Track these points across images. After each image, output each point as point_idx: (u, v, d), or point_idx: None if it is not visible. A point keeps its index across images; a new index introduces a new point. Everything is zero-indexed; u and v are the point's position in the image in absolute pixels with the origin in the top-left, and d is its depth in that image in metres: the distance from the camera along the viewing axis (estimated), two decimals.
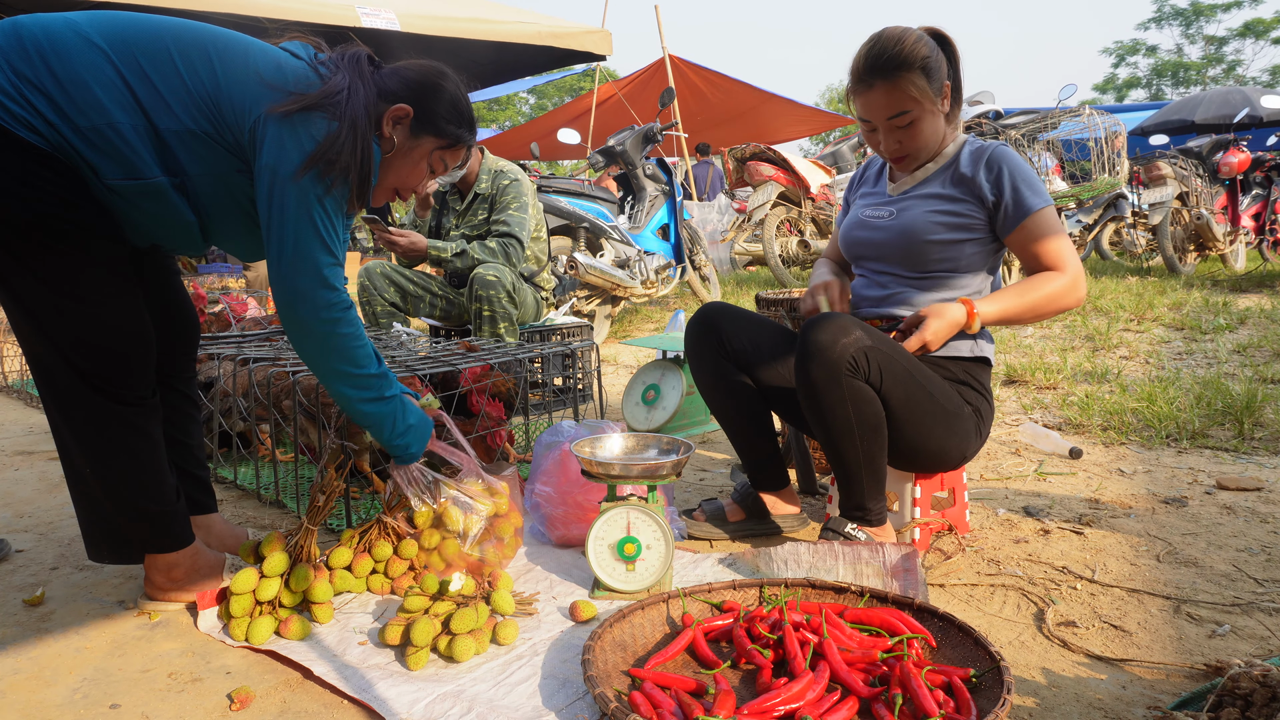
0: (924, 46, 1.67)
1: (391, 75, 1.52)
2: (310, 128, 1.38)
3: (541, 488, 1.84)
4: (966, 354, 1.77)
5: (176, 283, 1.70)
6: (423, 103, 1.51)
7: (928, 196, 1.77)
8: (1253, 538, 1.83)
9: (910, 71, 1.66)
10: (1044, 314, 1.69)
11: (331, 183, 1.40)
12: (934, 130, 1.75)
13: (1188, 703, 1.18)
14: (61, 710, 1.27)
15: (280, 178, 1.38)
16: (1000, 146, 1.76)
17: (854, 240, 1.88)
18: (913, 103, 1.68)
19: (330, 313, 1.44)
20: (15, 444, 2.95)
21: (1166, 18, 33.49)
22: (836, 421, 1.61)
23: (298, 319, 1.44)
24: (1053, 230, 1.69)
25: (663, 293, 5.19)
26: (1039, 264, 1.70)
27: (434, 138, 1.55)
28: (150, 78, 1.35)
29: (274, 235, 1.40)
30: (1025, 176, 1.70)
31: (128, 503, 1.48)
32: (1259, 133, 9.55)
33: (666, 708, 1.13)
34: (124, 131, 1.33)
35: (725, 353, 1.89)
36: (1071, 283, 1.67)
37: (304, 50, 1.50)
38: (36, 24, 1.33)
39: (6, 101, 1.28)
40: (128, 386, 1.46)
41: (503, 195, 3.31)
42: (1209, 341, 4.29)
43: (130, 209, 1.40)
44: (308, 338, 1.46)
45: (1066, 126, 6.46)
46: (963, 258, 1.75)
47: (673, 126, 7.01)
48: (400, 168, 1.56)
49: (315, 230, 1.41)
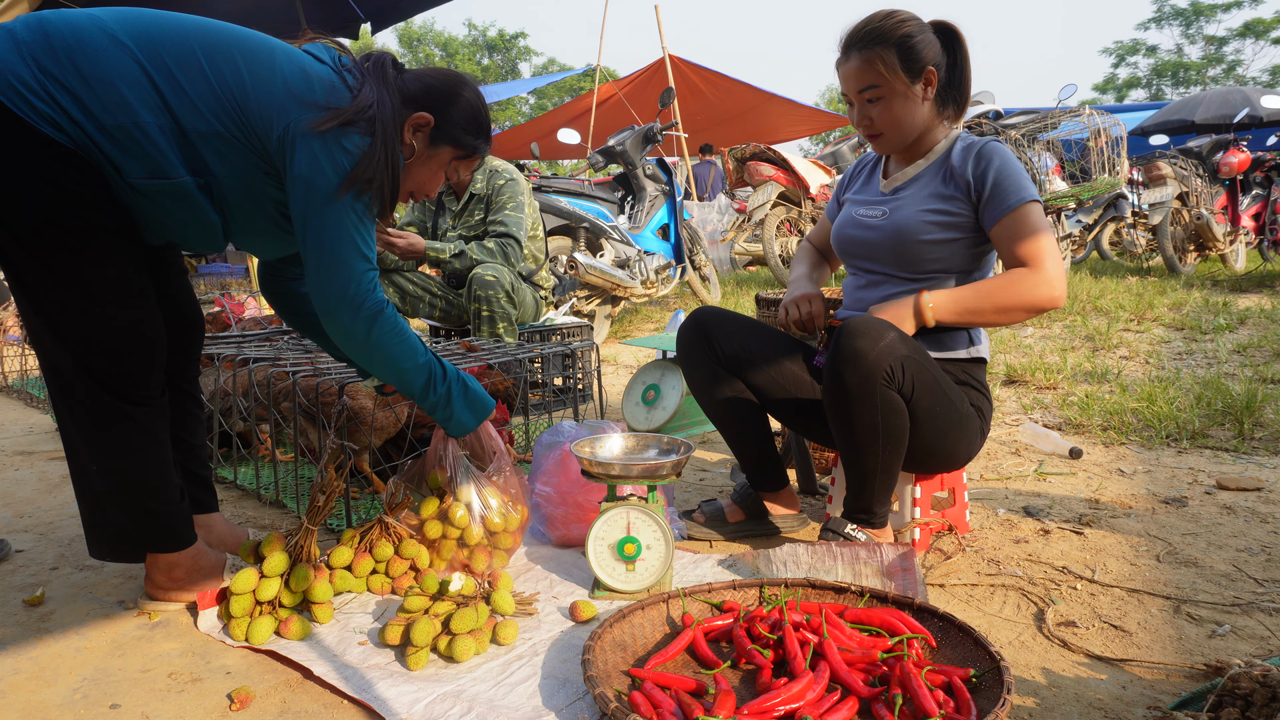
0: (910, 27, 1.66)
1: (414, 80, 1.53)
2: (347, 143, 1.40)
3: (541, 488, 1.84)
4: (964, 355, 1.76)
5: (184, 282, 1.71)
6: (444, 112, 1.53)
7: (920, 195, 1.75)
8: (1253, 538, 1.83)
9: (883, 47, 1.65)
10: (1009, 310, 1.63)
11: (370, 199, 1.44)
12: (908, 114, 1.71)
13: (1188, 703, 1.18)
14: (61, 710, 1.27)
15: (318, 197, 1.40)
16: (993, 141, 1.73)
17: (846, 239, 1.87)
18: (881, 79, 1.67)
19: (370, 311, 1.48)
20: (15, 444, 2.95)
21: (1166, 18, 33.49)
22: (863, 430, 1.58)
23: (340, 325, 1.49)
24: (1033, 228, 1.63)
25: (663, 293, 5.19)
26: (1015, 260, 1.65)
27: (452, 147, 1.57)
28: (177, 78, 1.35)
29: (311, 249, 1.44)
30: (1012, 170, 1.66)
31: (134, 502, 1.48)
32: (1259, 133, 9.54)
33: (666, 708, 1.13)
34: (150, 131, 1.33)
35: (716, 357, 1.88)
36: (1041, 280, 1.60)
37: (327, 54, 1.51)
38: (63, 20, 1.33)
39: (32, 98, 1.28)
40: (138, 386, 1.46)
41: (498, 195, 3.31)
42: (1209, 341, 4.29)
43: (153, 208, 1.40)
44: (351, 340, 1.51)
45: (1066, 126, 6.46)
46: (956, 257, 1.73)
47: (673, 126, 7.00)
48: (419, 174, 1.58)
49: (353, 242, 1.45)
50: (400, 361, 1.55)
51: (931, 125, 1.76)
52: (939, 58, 1.71)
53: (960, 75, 1.75)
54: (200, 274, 8.89)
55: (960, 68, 1.75)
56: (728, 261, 8.97)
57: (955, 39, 1.73)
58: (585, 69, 20.28)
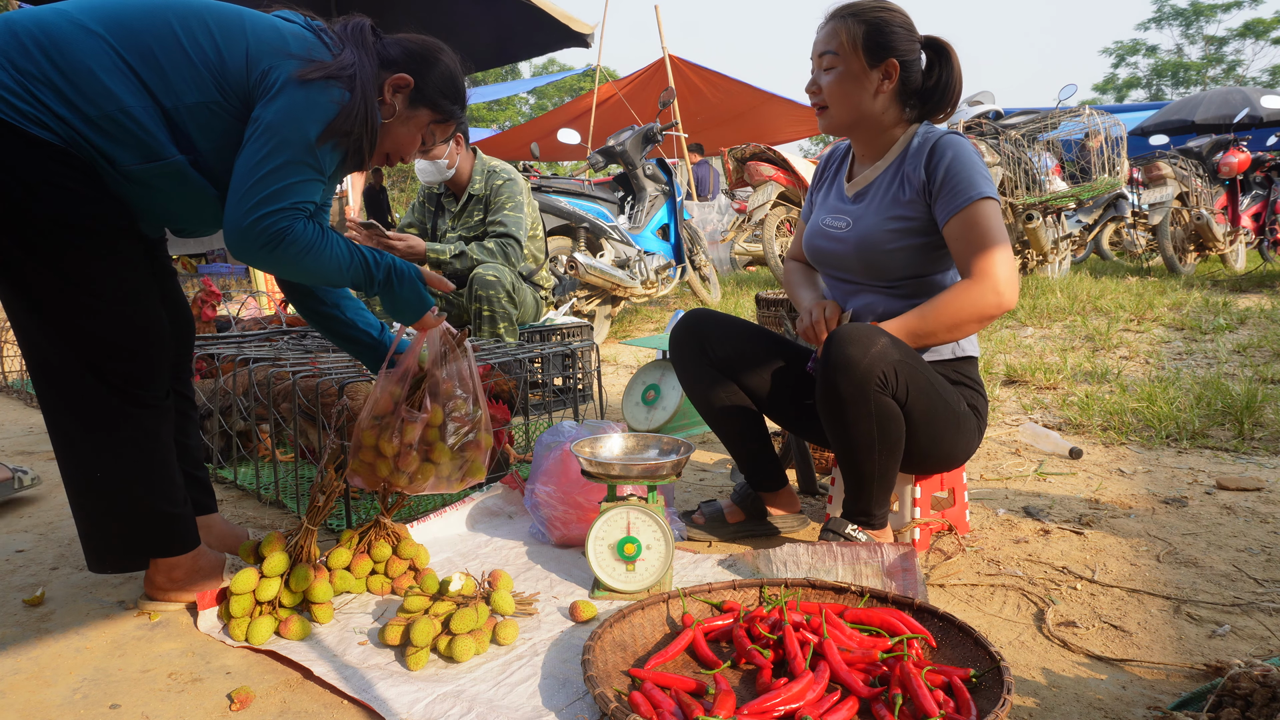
0: (889, 15, 1.66)
1: (394, 45, 1.54)
2: (329, 94, 1.40)
3: (541, 488, 1.84)
4: (949, 356, 1.75)
5: (173, 283, 1.70)
6: (423, 75, 1.54)
7: (881, 202, 1.73)
8: (1253, 538, 1.83)
9: (855, 21, 1.66)
10: (959, 326, 1.59)
11: (346, 151, 1.45)
12: (855, 95, 1.69)
13: (1188, 703, 1.18)
14: (61, 710, 1.27)
15: (293, 145, 1.38)
16: (949, 134, 1.68)
17: (816, 249, 1.86)
18: (841, 50, 1.67)
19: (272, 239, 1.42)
20: (15, 444, 2.95)
21: (1166, 18, 33.50)
22: (859, 437, 1.57)
23: (249, 254, 1.43)
24: (981, 230, 1.58)
25: (663, 293, 5.20)
26: (963, 267, 1.61)
27: (430, 110, 1.58)
28: (155, 56, 1.34)
29: (253, 170, 1.38)
30: (964, 166, 1.62)
31: (139, 505, 1.47)
32: (1259, 133, 9.54)
33: (666, 708, 1.13)
34: (136, 114, 1.33)
35: (710, 360, 1.87)
36: (987, 289, 1.55)
37: (296, 17, 1.51)
38: (29, 18, 1.32)
39: (15, 100, 1.27)
40: (147, 388, 1.45)
41: (497, 195, 3.31)
42: (1209, 341, 4.29)
43: (150, 195, 1.40)
44: (262, 265, 1.46)
45: (1066, 126, 6.47)
46: (928, 260, 1.71)
47: (673, 126, 7.01)
48: (398, 134, 1.58)
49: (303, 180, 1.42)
50: (329, 277, 1.51)
51: (887, 122, 1.73)
52: (912, 58, 1.69)
53: (939, 85, 1.71)
54: (200, 274, 8.87)
55: (942, 79, 1.71)
56: (728, 261, 8.97)
57: (944, 54, 1.71)
58: (585, 69, 20.30)
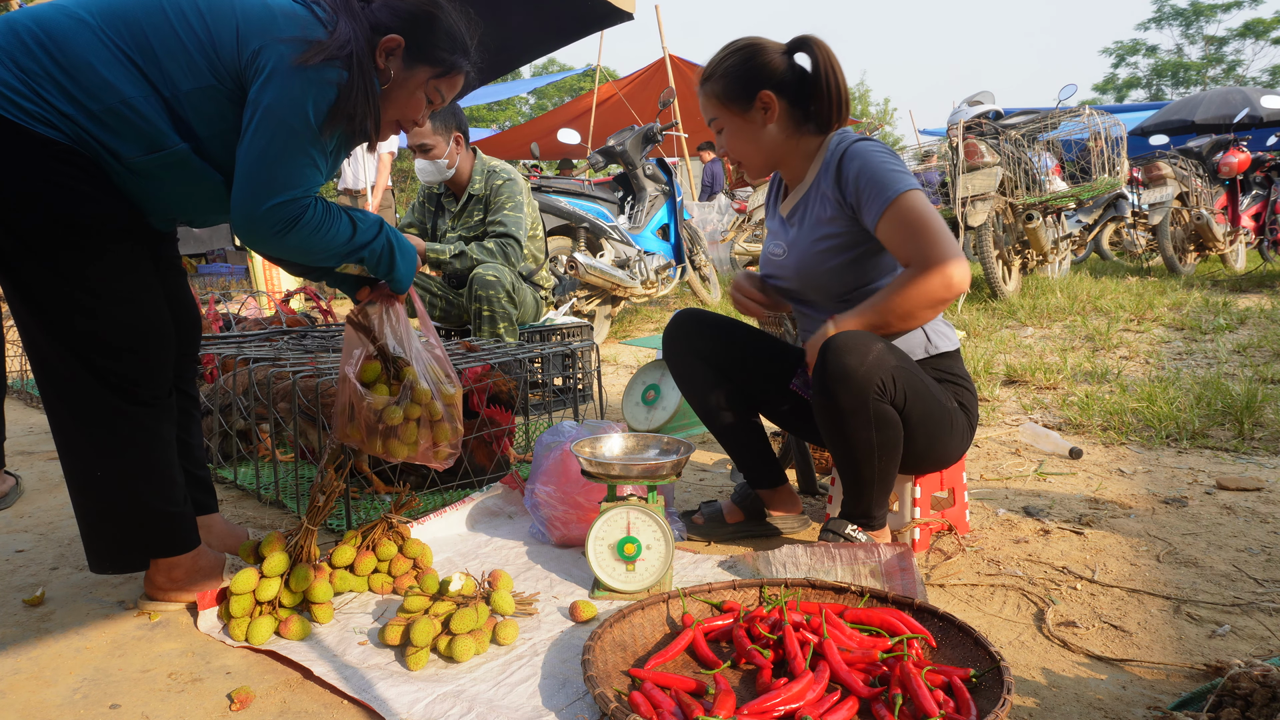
0: (732, 60, 1.69)
1: (382, 8, 1.49)
2: (328, 76, 1.38)
3: (541, 488, 1.84)
4: (922, 355, 1.73)
5: (181, 281, 1.70)
6: (414, 33, 1.49)
7: (809, 223, 1.73)
8: (1253, 538, 1.83)
9: (711, 83, 1.72)
10: (912, 315, 1.56)
11: (352, 133, 1.43)
12: (751, 141, 1.73)
13: (1188, 703, 1.18)
14: (61, 710, 1.27)
15: (298, 132, 1.37)
16: (853, 144, 1.66)
17: (767, 275, 1.87)
18: (718, 112, 1.74)
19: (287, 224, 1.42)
20: (15, 444, 2.95)
21: (1166, 18, 33.47)
22: (858, 445, 1.57)
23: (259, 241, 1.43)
24: (909, 223, 1.55)
25: (663, 293, 5.20)
26: (903, 261, 1.58)
27: (428, 66, 1.53)
28: (150, 44, 1.33)
29: (253, 160, 1.38)
30: (874, 169, 1.60)
31: (140, 504, 1.47)
32: (1259, 133, 9.53)
33: (666, 708, 1.13)
34: (137, 105, 1.32)
35: (702, 359, 1.88)
36: (932, 274, 1.52)
37: None
38: (29, 16, 1.32)
39: (20, 100, 1.27)
40: (148, 387, 1.45)
41: (497, 195, 3.31)
42: (1209, 341, 4.29)
43: (157, 187, 1.39)
44: (272, 250, 1.46)
45: (1066, 126, 6.46)
46: (869, 269, 1.71)
47: (673, 126, 7.00)
48: (398, 99, 1.54)
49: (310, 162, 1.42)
50: (338, 250, 1.50)
51: (795, 147, 1.74)
52: (782, 78, 1.68)
53: (821, 89, 1.68)
54: (200, 274, 8.86)
55: (820, 82, 1.68)
56: (728, 261, 8.97)
57: (811, 53, 1.68)
58: (585, 69, 20.29)
